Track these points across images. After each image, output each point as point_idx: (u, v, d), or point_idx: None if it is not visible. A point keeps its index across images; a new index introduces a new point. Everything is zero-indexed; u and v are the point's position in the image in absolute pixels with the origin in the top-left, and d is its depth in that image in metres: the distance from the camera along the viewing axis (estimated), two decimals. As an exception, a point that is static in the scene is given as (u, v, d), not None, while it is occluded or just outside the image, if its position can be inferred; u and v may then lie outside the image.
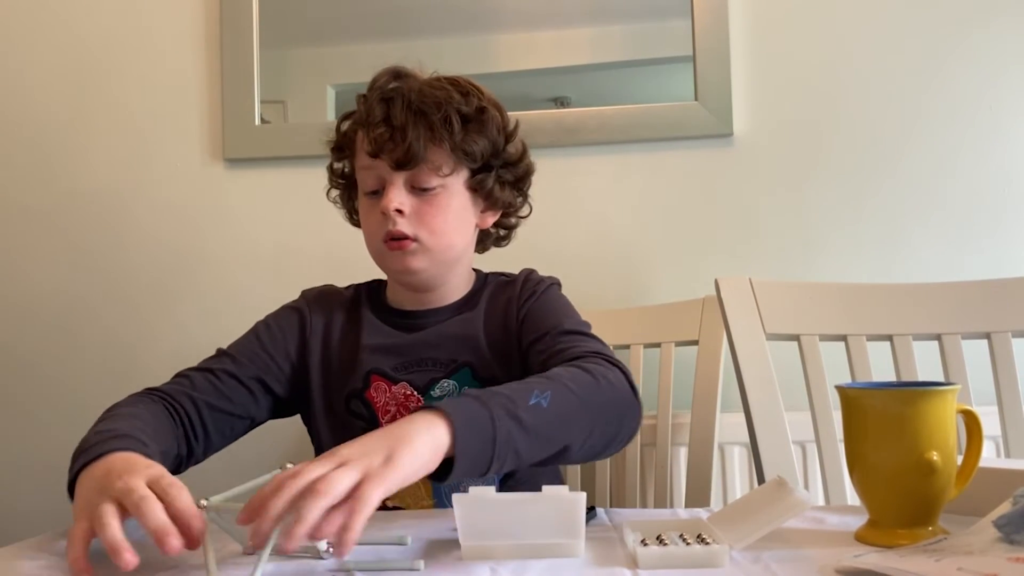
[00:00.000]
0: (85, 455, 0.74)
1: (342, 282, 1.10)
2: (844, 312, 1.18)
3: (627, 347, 1.35)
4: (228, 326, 1.07)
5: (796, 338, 1.17)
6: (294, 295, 1.09)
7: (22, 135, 1.67)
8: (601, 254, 1.54)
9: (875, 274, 1.47)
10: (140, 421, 0.83)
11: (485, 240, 1.09)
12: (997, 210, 1.47)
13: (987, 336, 1.15)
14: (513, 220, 1.10)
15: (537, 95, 1.56)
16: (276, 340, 1.02)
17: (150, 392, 0.93)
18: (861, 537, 0.71)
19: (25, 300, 1.65)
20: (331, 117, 1.56)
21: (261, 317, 1.06)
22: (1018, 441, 1.11)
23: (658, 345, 1.33)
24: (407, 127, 0.94)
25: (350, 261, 1.14)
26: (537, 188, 1.54)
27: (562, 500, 0.68)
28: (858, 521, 0.74)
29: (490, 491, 0.69)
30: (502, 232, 1.10)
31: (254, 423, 1.01)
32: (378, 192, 0.97)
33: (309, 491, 0.60)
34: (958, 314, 1.16)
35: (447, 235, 0.98)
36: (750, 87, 1.52)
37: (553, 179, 1.55)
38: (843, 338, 1.17)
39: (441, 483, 0.70)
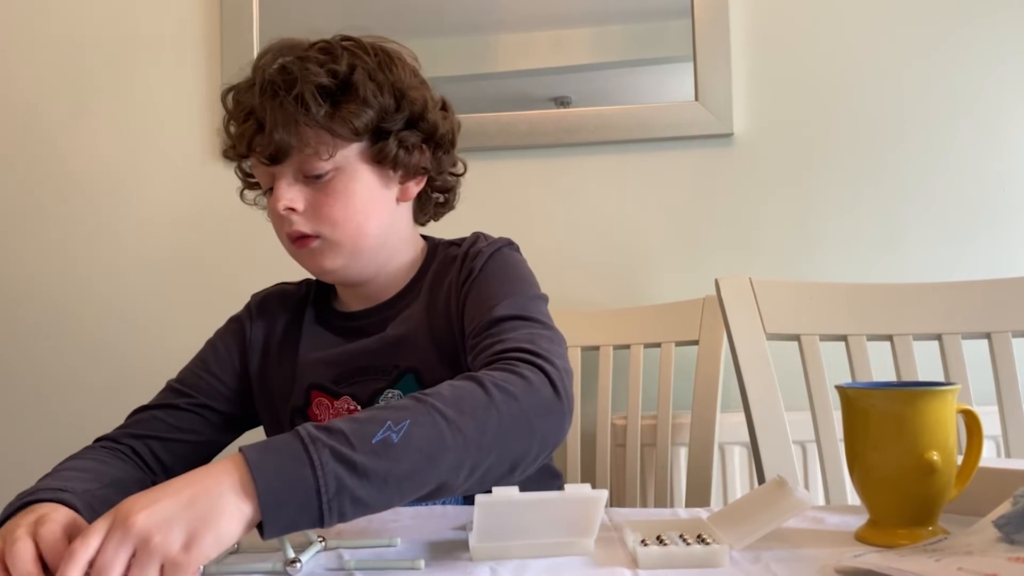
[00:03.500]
0: (7, 509, 0.73)
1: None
2: (844, 312, 1.18)
3: (627, 347, 1.35)
4: (227, 326, 1.06)
5: (796, 338, 1.17)
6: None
7: (21, 134, 1.67)
8: (601, 254, 1.54)
9: (875, 274, 1.47)
10: (73, 471, 0.80)
11: (426, 208, 0.99)
12: (997, 210, 1.47)
13: (987, 336, 1.15)
14: (445, 181, 0.98)
15: (537, 95, 1.56)
16: (221, 359, 0.98)
17: (97, 440, 0.90)
18: (861, 537, 0.71)
19: (24, 299, 1.65)
20: (331, 117, 1.55)
21: (242, 310, 1.04)
22: (1018, 441, 1.11)
23: (658, 345, 1.33)
24: (265, 115, 0.84)
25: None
26: (537, 188, 1.55)
27: (585, 499, 0.67)
28: (858, 521, 0.74)
29: (514, 491, 0.67)
30: (441, 197, 0.99)
31: (218, 443, 0.97)
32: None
33: None
34: (958, 314, 1.16)
35: (352, 222, 0.87)
36: (750, 87, 1.52)
37: (553, 179, 1.55)
38: (843, 338, 1.17)
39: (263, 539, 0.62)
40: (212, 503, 0.58)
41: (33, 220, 1.66)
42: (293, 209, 0.86)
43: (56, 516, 0.66)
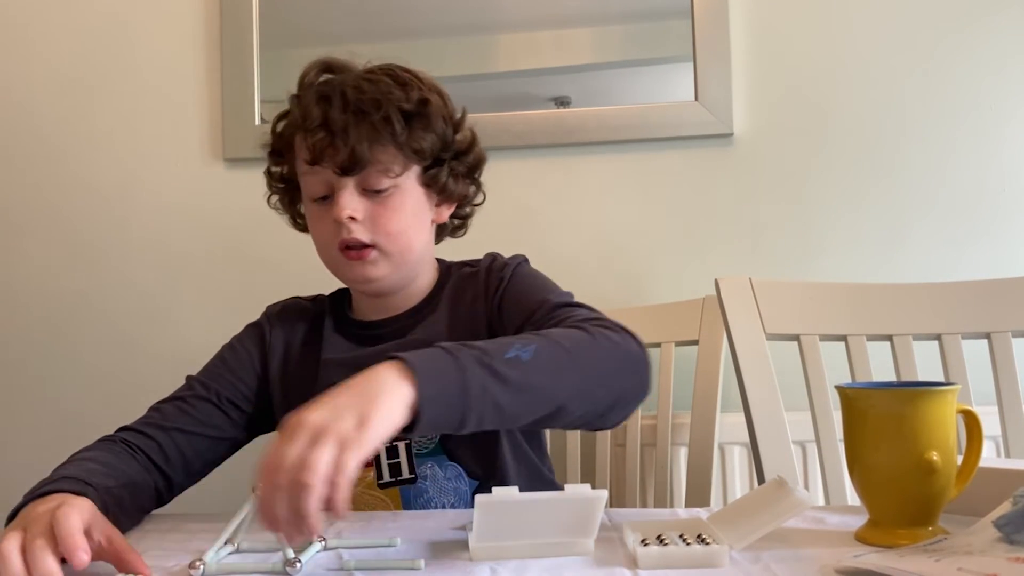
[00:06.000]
0: (29, 495, 0.74)
1: (341, 284, 1.09)
2: (844, 312, 1.18)
3: (627, 347, 1.35)
4: (227, 326, 1.07)
5: (796, 338, 1.17)
6: (293, 295, 1.09)
7: (22, 134, 1.66)
8: (601, 254, 1.54)
9: (875, 274, 1.47)
10: (94, 463, 0.82)
11: (440, 232, 1.05)
12: (997, 209, 1.47)
13: (987, 336, 1.15)
14: (468, 209, 1.06)
15: (537, 95, 1.56)
16: (240, 359, 1.01)
17: (119, 431, 0.92)
18: (861, 537, 0.71)
19: (24, 299, 1.65)
20: (331, 117, 1.55)
21: (260, 317, 1.06)
22: (1018, 441, 1.11)
23: (658, 345, 1.33)
24: (348, 130, 0.89)
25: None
26: (537, 188, 1.55)
27: (585, 499, 0.67)
28: (858, 521, 0.74)
29: (513, 491, 0.67)
30: (457, 222, 1.06)
31: (236, 441, 0.99)
32: (327, 198, 0.93)
33: (298, 485, 0.59)
34: (958, 314, 1.16)
35: (405, 237, 0.94)
36: (750, 87, 1.52)
37: (553, 179, 1.55)
38: (843, 338, 1.17)
39: (410, 434, 0.67)
40: (376, 386, 0.65)
41: (36, 219, 1.65)
42: (354, 219, 0.91)
43: (77, 503, 0.69)
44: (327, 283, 1.09)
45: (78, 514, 0.66)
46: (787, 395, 1.15)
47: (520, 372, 0.71)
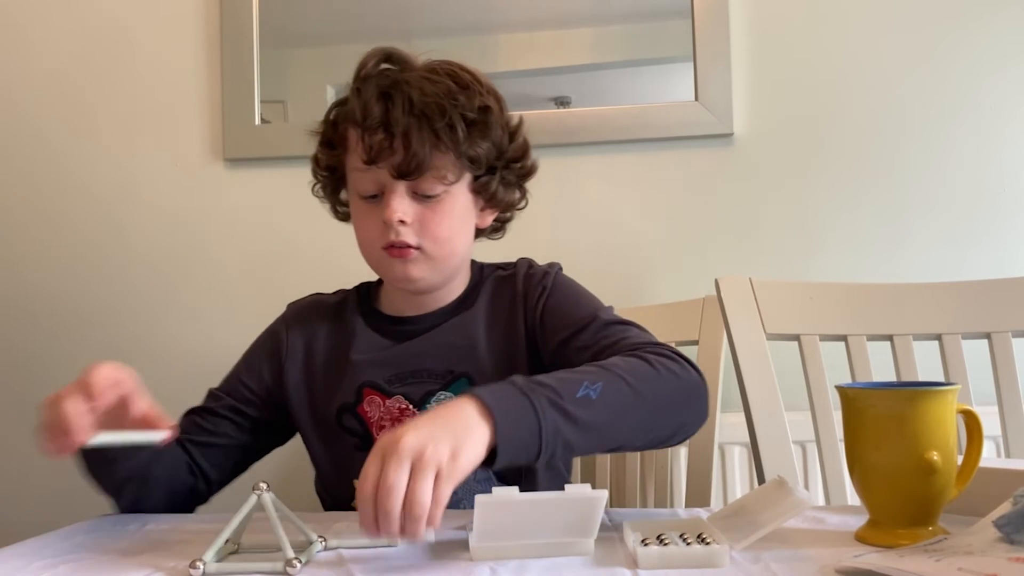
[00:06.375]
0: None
1: (342, 283, 1.09)
2: (844, 312, 1.18)
3: (627, 347, 1.35)
4: (226, 326, 1.07)
5: (796, 338, 1.17)
6: (293, 296, 1.09)
7: (22, 135, 1.67)
8: (601, 254, 1.54)
9: (875, 273, 1.47)
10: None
11: (478, 233, 1.05)
12: (997, 209, 1.47)
13: (987, 336, 1.15)
14: (510, 215, 1.06)
15: (537, 95, 1.56)
16: (252, 368, 1.02)
17: None
18: (861, 537, 0.71)
19: (24, 300, 1.65)
20: (331, 117, 1.55)
21: (259, 318, 1.07)
22: (1018, 441, 1.11)
23: (658, 345, 1.33)
24: (409, 133, 0.88)
25: (350, 262, 1.14)
26: (537, 188, 1.55)
27: (584, 499, 0.67)
28: (858, 521, 0.74)
29: (513, 491, 0.68)
30: (496, 225, 1.06)
31: (252, 450, 1.01)
32: (376, 196, 0.93)
33: (409, 518, 0.63)
34: (958, 314, 1.16)
35: (451, 242, 0.94)
36: (750, 87, 1.52)
37: (553, 179, 1.55)
38: (843, 338, 1.17)
39: (488, 469, 0.71)
40: (464, 423, 0.68)
41: (36, 220, 1.66)
42: (404, 222, 0.91)
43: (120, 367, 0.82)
44: (328, 283, 1.10)
45: (112, 367, 0.80)
46: (787, 395, 1.15)
47: (589, 412, 0.74)
